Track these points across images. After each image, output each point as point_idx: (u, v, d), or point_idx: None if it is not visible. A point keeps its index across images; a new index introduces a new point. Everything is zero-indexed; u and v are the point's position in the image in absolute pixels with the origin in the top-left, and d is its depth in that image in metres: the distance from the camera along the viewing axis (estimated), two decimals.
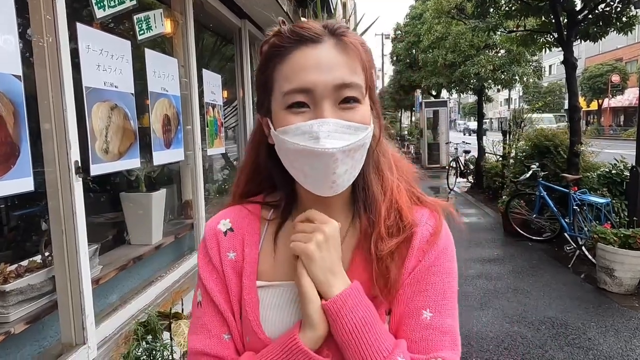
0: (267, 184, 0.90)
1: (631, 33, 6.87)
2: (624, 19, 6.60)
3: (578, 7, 6.50)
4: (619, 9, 6.49)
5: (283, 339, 0.75)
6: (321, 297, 0.75)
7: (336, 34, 0.75)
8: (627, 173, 5.86)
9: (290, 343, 0.73)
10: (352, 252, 0.82)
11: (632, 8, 6.30)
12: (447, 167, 13.26)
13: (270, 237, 0.86)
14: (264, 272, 0.84)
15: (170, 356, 2.15)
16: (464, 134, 36.21)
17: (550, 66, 45.59)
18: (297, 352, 0.72)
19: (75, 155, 1.74)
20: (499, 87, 11.76)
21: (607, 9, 6.52)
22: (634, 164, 5.37)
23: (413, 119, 27.51)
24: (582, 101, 33.63)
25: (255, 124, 0.90)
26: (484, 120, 13.52)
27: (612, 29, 6.76)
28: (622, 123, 37.15)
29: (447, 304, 0.79)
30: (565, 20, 6.65)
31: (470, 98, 48.37)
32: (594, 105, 36.86)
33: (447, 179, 12.17)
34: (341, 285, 0.75)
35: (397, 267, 0.78)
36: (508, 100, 41.83)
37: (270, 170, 0.86)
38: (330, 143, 0.70)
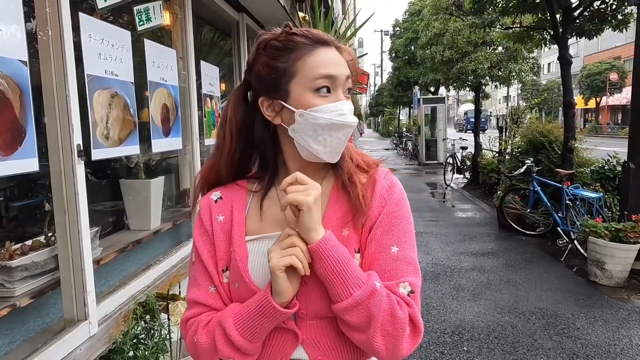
0: (242, 165, 1.06)
1: (626, 30, 6.93)
2: (619, 16, 6.67)
3: (574, 4, 6.57)
4: (614, 6, 6.56)
5: (258, 296, 0.90)
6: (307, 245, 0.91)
7: (334, 43, 0.98)
8: (619, 168, 5.94)
9: (264, 301, 0.89)
10: (329, 196, 1.01)
11: (627, 5, 6.36)
12: (444, 164, 13.33)
13: (255, 203, 1.03)
14: (251, 228, 1.00)
15: (168, 335, 2.23)
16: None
17: (549, 64, 45.67)
18: (269, 307, 0.89)
19: (77, 138, 1.81)
20: (497, 84, 11.84)
21: (603, 6, 6.59)
22: (626, 160, 5.45)
23: (411, 115, 27.54)
24: (580, 99, 33.75)
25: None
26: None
27: (607, 27, 6.84)
28: (619, 121, 37.21)
29: (408, 240, 0.98)
30: (561, 17, 6.73)
31: (469, 95, 48.37)
32: (592, 103, 36.93)
33: (444, 175, 12.24)
34: (321, 232, 0.90)
35: (367, 196, 0.98)
36: (507, 98, 41.87)
37: (265, 147, 1.02)
38: (352, 118, 0.95)
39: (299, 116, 0.93)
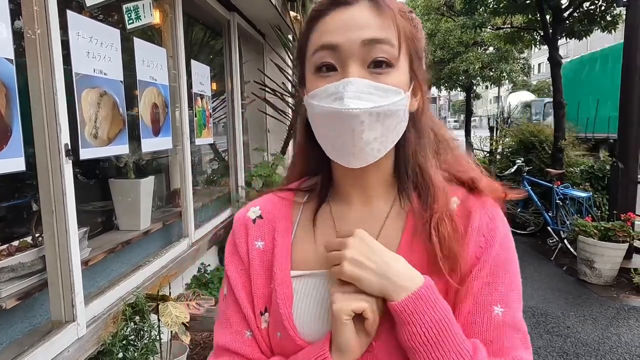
0: (311, 167, 0.85)
1: (615, 32, 7.01)
2: (608, 17, 6.75)
3: (563, 5, 6.63)
4: (603, 7, 6.63)
5: (311, 352, 0.68)
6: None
7: None
8: (608, 168, 6.00)
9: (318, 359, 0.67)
10: (402, 235, 0.75)
11: (615, 6, 6.43)
12: None
13: (304, 223, 0.80)
14: (298, 260, 0.77)
15: (158, 336, 2.21)
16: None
17: (539, 64, 45.95)
18: None
19: (65, 138, 1.79)
20: (488, 84, 11.93)
21: (592, 7, 6.66)
22: (615, 159, 5.50)
23: None
24: None
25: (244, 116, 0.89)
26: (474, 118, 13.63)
27: (597, 28, 6.91)
28: None
29: (515, 296, 0.72)
30: (551, 18, 6.78)
31: (460, 95, 48.64)
32: None
33: None
34: (409, 285, 0.66)
35: (459, 245, 0.70)
36: (498, 98, 42.12)
37: (309, 150, 0.80)
38: (355, 103, 0.65)
39: (306, 105, 0.73)
